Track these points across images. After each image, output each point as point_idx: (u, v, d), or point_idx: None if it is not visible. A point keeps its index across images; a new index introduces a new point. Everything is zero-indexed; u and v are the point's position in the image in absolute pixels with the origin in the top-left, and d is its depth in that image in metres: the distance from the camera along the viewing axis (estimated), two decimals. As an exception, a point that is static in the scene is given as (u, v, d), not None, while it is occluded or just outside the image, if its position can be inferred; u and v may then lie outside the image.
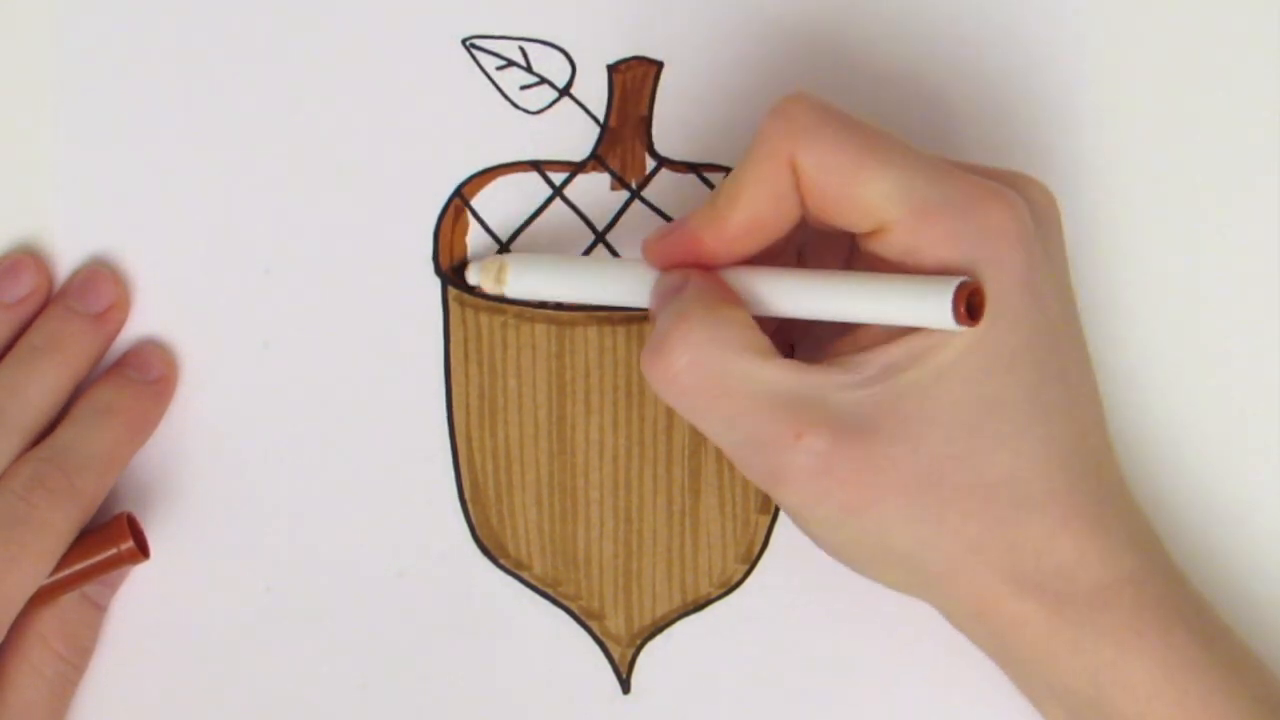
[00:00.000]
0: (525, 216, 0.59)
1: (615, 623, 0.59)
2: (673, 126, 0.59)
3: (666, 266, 0.53)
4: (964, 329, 0.49)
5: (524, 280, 0.57)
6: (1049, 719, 0.54)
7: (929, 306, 0.49)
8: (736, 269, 0.52)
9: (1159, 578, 0.52)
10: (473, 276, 0.58)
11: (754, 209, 0.51)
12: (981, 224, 0.50)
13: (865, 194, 0.50)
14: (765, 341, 0.51)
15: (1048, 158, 0.58)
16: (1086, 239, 0.57)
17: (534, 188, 0.59)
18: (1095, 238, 0.58)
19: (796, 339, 0.56)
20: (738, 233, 0.52)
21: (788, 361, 0.50)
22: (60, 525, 0.55)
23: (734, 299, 0.51)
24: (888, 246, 0.50)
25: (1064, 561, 0.50)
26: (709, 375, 0.50)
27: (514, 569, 0.59)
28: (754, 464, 0.51)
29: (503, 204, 0.59)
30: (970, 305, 0.49)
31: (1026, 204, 0.51)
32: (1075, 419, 0.51)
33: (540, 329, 0.59)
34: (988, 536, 0.50)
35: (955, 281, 0.48)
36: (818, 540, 0.53)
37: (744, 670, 0.59)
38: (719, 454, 0.59)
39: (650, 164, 0.59)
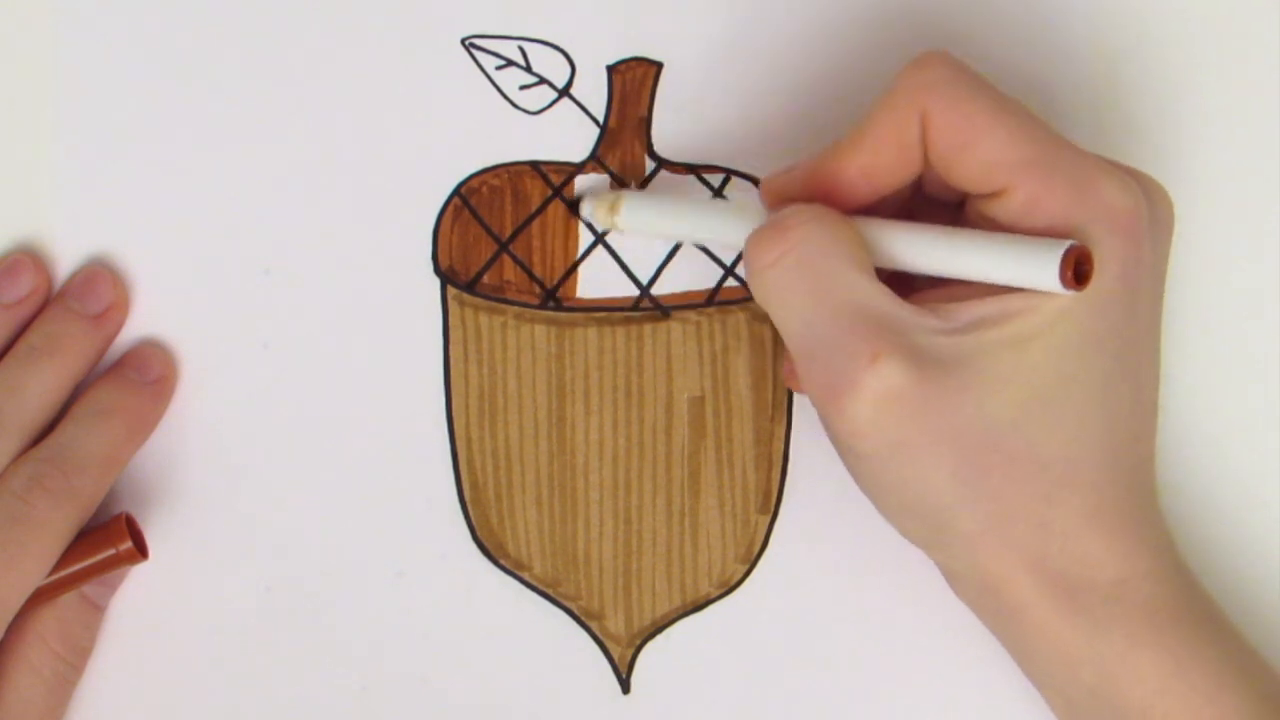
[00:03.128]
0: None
1: (615, 623, 0.59)
2: (672, 127, 0.59)
3: (780, 205, 0.53)
4: (1067, 293, 0.49)
5: (637, 215, 0.57)
6: (1048, 701, 0.54)
7: (1036, 265, 0.49)
8: (853, 216, 0.52)
9: (1175, 578, 0.52)
10: (586, 209, 0.58)
11: (877, 154, 0.52)
12: (1097, 200, 0.50)
13: (990, 151, 0.50)
14: (870, 263, 0.51)
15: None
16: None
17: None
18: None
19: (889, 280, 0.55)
20: (857, 176, 0.52)
21: (885, 287, 0.51)
22: (59, 525, 0.55)
23: (852, 221, 0.52)
24: (1002, 209, 0.51)
25: (1088, 551, 0.51)
26: (810, 268, 0.50)
27: (514, 569, 0.59)
28: (819, 373, 0.50)
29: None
30: (1077, 271, 0.49)
31: (1146, 200, 0.51)
32: (1134, 418, 0.52)
33: (540, 329, 0.59)
34: (1023, 509, 0.50)
35: (1065, 243, 0.49)
36: (854, 470, 0.53)
37: (744, 670, 0.59)
38: (718, 454, 0.59)
39: (649, 165, 0.59)
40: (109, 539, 0.56)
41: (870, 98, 0.58)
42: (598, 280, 0.59)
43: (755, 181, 0.59)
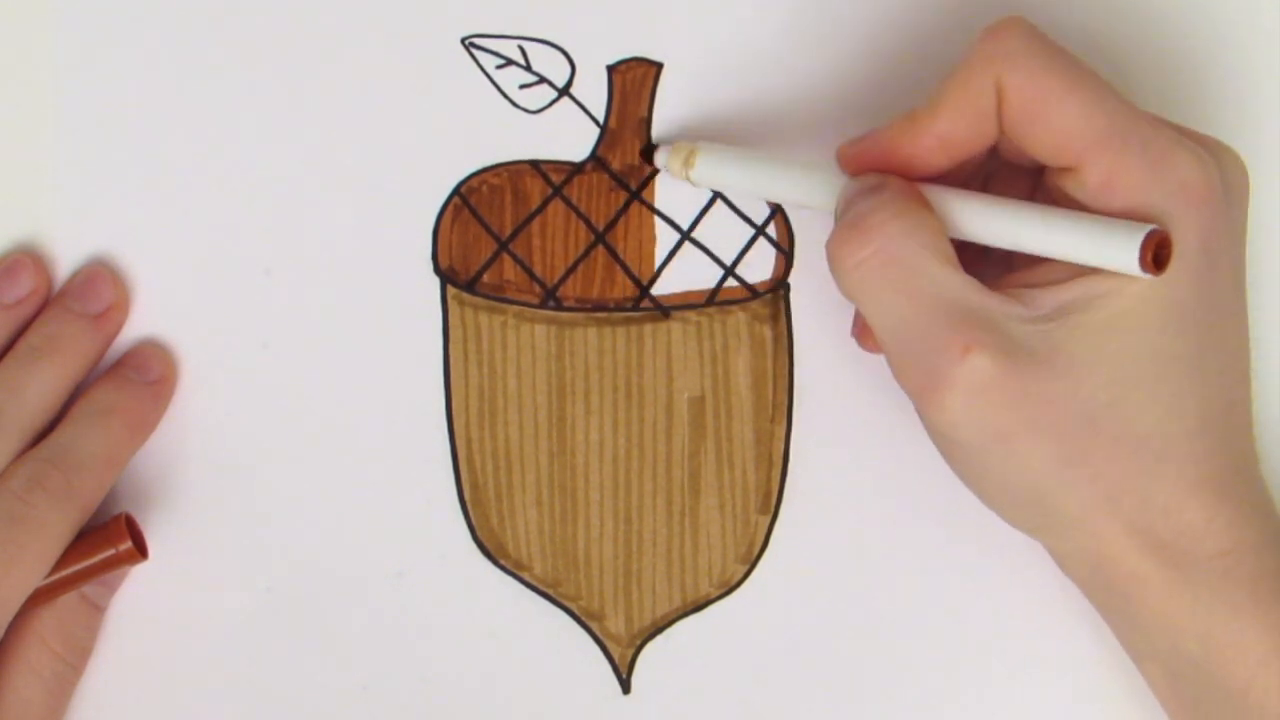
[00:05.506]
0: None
1: (615, 623, 0.59)
2: (673, 127, 0.59)
3: (857, 171, 0.53)
4: (1145, 277, 0.49)
5: (712, 168, 0.56)
6: (1146, 676, 0.54)
7: (1116, 248, 0.49)
8: (931, 186, 0.52)
9: (1277, 550, 0.52)
10: (660, 159, 0.58)
11: (953, 122, 0.52)
12: (1173, 177, 0.50)
13: (1065, 123, 0.50)
14: (953, 253, 0.51)
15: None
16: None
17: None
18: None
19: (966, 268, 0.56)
20: (933, 144, 0.52)
21: (970, 278, 0.51)
22: (58, 525, 0.55)
23: (930, 207, 0.52)
24: (1078, 187, 0.51)
25: (1192, 523, 0.51)
26: (896, 267, 0.51)
27: (514, 570, 0.59)
28: (912, 367, 0.51)
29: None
30: (1157, 255, 0.49)
31: (1219, 169, 0.51)
32: (1227, 388, 0.52)
33: (540, 329, 0.58)
34: (1125, 487, 0.51)
35: (1146, 228, 0.49)
36: (953, 462, 0.53)
37: (744, 670, 0.59)
38: (719, 454, 0.59)
39: (650, 165, 0.59)
40: (109, 539, 0.56)
41: (870, 97, 0.58)
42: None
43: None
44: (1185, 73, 0.59)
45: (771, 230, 0.59)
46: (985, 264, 0.53)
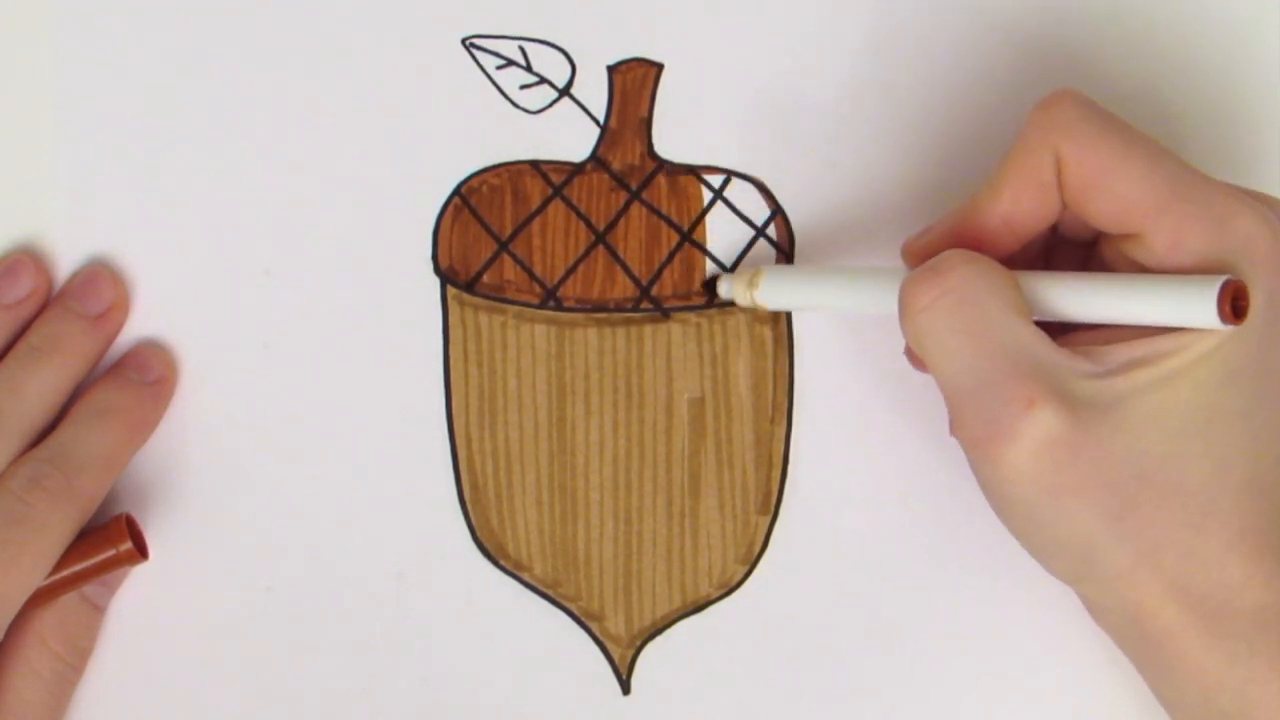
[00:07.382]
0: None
1: (615, 623, 0.59)
2: (673, 127, 0.59)
3: None
4: (1226, 329, 0.49)
5: (777, 289, 0.57)
6: None
7: (1195, 306, 0.49)
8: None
9: None
10: (724, 288, 0.58)
11: (1016, 201, 0.52)
12: (1238, 234, 0.50)
13: (1124, 192, 0.50)
14: (1025, 306, 0.51)
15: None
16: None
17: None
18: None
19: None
20: (998, 225, 0.52)
21: (1040, 331, 0.51)
22: (58, 526, 0.55)
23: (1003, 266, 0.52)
24: (1143, 251, 0.51)
25: (1232, 578, 0.51)
26: (966, 311, 0.50)
27: (514, 570, 0.59)
28: (972, 415, 0.50)
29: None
30: (1234, 305, 0.49)
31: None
32: (1275, 443, 0.52)
33: (540, 330, 0.59)
34: (1169, 540, 0.50)
35: (1220, 279, 0.49)
36: (999, 509, 0.52)
37: (744, 670, 0.59)
38: (719, 455, 0.59)
39: (650, 165, 0.59)
40: (109, 539, 0.57)
41: (870, 97, 0.58)
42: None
43: (756, 183, 0.59)
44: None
45: (771, 231, 0.59)
46: (1047, 321, 0.52)
